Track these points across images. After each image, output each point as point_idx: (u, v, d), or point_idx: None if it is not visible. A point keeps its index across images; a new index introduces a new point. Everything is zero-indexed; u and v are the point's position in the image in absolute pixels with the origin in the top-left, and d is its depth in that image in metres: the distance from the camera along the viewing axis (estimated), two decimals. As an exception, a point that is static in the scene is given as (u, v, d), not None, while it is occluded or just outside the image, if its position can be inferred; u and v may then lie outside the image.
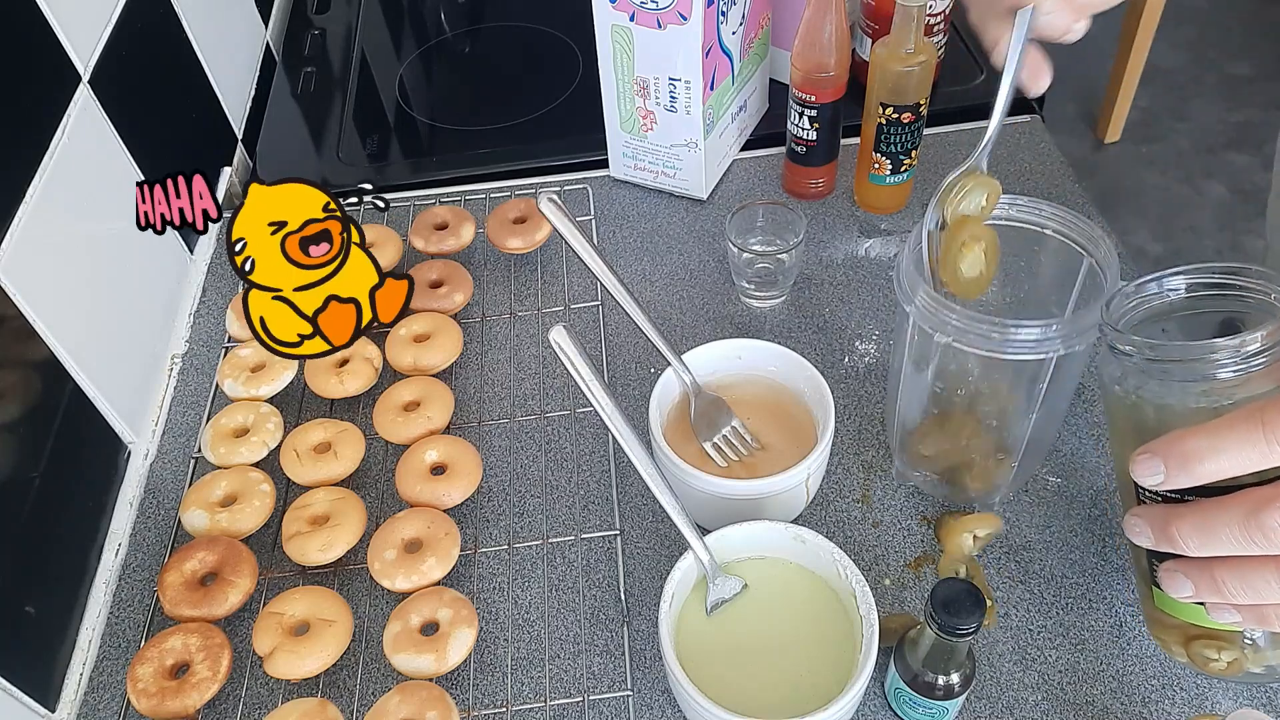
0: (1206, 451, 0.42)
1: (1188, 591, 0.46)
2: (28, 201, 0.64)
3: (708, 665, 0.55)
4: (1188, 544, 0.44)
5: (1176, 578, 0.46)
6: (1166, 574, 0.47)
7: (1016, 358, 0.54)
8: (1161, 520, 0.45)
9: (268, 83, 1.07)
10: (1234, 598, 0.44)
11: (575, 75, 1.05)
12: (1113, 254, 0.56)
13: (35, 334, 0.64)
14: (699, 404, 0.67)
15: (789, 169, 0.89)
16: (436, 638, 0.60)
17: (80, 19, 0.72)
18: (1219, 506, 0.42)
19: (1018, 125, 0.95)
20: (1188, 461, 0.42)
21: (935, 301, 0.55)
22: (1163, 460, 0.43)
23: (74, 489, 0.68)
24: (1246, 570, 0.43)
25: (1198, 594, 0.46)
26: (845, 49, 0.80)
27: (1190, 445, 0.42)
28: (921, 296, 0.56)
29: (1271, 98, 2.29)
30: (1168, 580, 0.47)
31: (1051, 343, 0.54)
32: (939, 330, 0.55)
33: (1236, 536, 0.42)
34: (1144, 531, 0.46)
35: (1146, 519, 0.46)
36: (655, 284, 0.85)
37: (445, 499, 0.67)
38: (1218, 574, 0.44)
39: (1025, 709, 0.59)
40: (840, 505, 0.69)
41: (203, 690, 0.59)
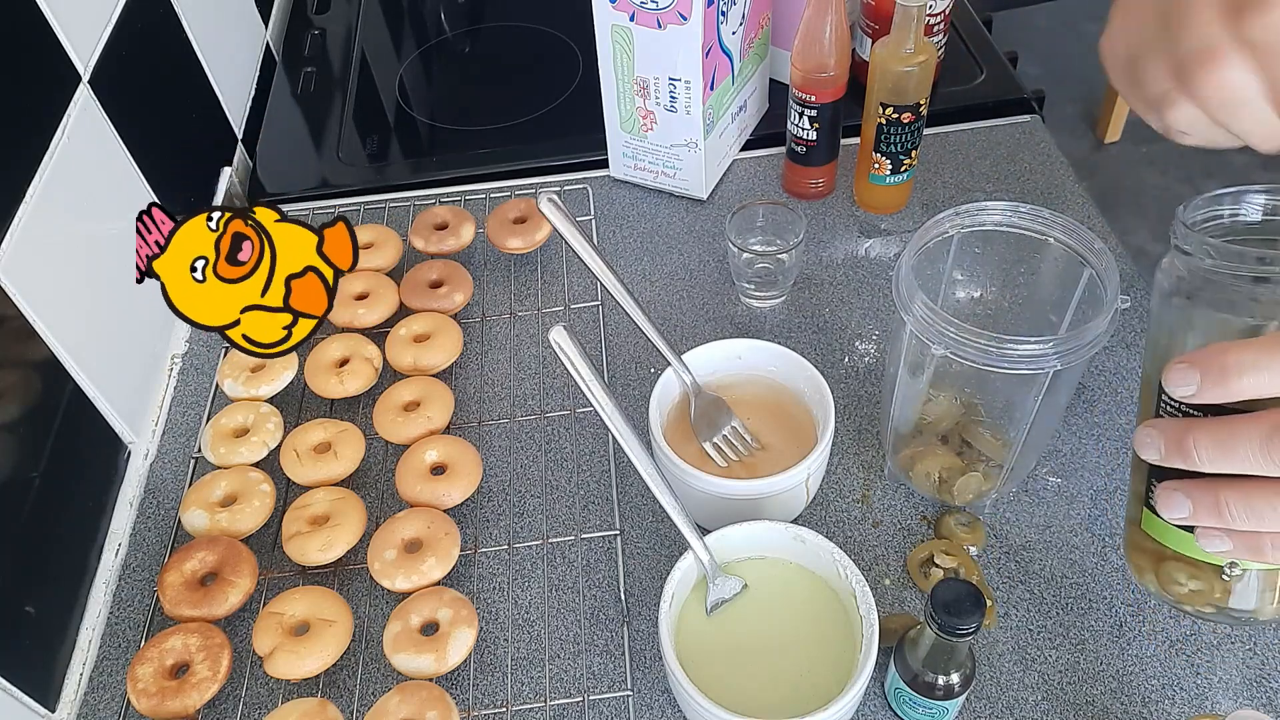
0: (1248, 366, 0.40)
1: (1185, 512, 0.44)
2: (28, 201, 0.64)
3: (708, 665, 0.55)
4: (1202, 456, 0.42)
5: (1175, 497, 0.44)
6: (1165, 493, 0.45)
7: (1012, 371, 0.54)
8: (1179, 432, 0.43)
9: (268, 83, 1.07)
10: (1234, 522, 0.42)
11: (575, 75, 1.05)
12: (1114, 266, 0.56)
13: (35, 334, 0.64)
14: (699, 404, 0.67)
15: (789, 169, 0.89)
16: (436, 638, 0.60)
17: (80, 19, 0.72)
18: (1242, 422, 0.41)
19: (1018, 125, 0.95)
20: (1226, 374, 0.41)
21: (933, 313, 0.55)
22: (1200, 371, 0.41)
23: (74, 489, 0.68)
24: (1254, 494, 0.42)
25: (1196, 515, 0.44)
26: (845, 49, 0.80)
27: (1231, 359, 0.40)
28: (919, 306, 0.56)
29: (1271, 98, 2.29)
30: (1165, 500, 0.45)
31: (1048, 358, 0.54)
32: (935, 342, 0.56)
33: (1255, 454, 0.40)
34: (1156, 443, 0.44)
35: (1161, 430, 0.44)
36: (655, 284, 0.85)
37: (445, 499, 0.67)
38: (1222, 494, 0.42)
39: (1025, 709, 0.59)
40: (840, 505, 0.69)
41: (203, 690, 0.59)
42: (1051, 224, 0.59)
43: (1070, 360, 0.54)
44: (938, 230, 0.60)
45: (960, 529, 0.66)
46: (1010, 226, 0.60)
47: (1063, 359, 0.54)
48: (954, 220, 0.60)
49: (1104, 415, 0.72)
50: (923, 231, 0.60)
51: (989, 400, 0.65)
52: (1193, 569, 0.52)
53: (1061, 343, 0.53)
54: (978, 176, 0.90)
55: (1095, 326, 0.53)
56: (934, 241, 0.60)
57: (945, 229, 0.60)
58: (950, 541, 0.65)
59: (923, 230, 0.60)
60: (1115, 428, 0.71)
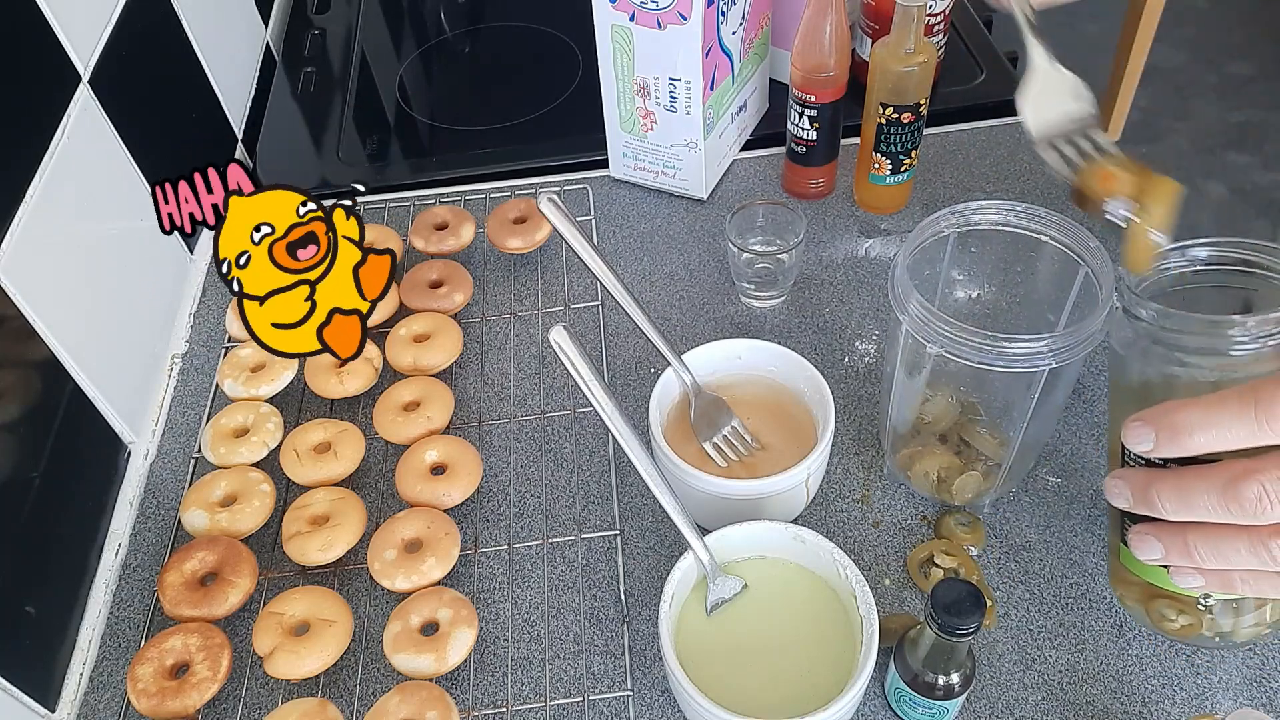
0: (1198, 425, 0.43)
1: (1157, 555, 0.47)
2: (28, 201, 0.64)
3: (708, 665, 0.55)
4: (1165, 507, 0.45)
5: (1147, 540, 0.47)
6: (1137, 537, 0.48)
7: (1008, 370, 0.55)
8: (1143, 483, 0.46)
9: (268, 83, 1.07)
10: (1202, 563, 0.45)
11: (575, 75, 1.05)
12: (1108, 265, 0.56)
13: (35, 334, 0.64)
14: (699, 404, 0.67)
15: (789, 169, 0.89)
16: (436, 638, 0.60)
17: (80, 19, 0.72)
18: (1199, 474, 0.44)
19: (1018, 125, 0.94)
20: (1178, 433, 0.43)
21: (928, 312, 0.55)
22: (1154, 429, 0.44)
23: (74, 489, 0.68)
24: (1218, 537, 0.44)
25: (1167, 557, 0.47)
26: (845, 49, 0.80)
27: (1182, 417, 0.43)
28: (914, 306, 0.56)
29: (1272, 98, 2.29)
30: (1137, 543, 0.48)
31: (1042, 357, 0.54)
32: (931, 341, 0.56)
33: (1213, 504, 0.43)
34: (1123, 493, 0.47)
35: (1127, 480, 0.47)
36: (655, 284, 0.85)
37: (445, 499, 0.67)
38: (1190, 538, 0.45)
39: (1025, 709, 0.59)
40: (840, 505, 0.69)
41: (203, 690, 0.59)
42: (1047, 223, 0.59)
43: (1065, 358, 0.54)
44: (933, 230, 0.60)
45: (960, 529, 0.66)
46: (1006, 225, 0.60)
47: (1058, 357, 0.54)
48: (949, 220, 0.60)
49: (1104, 415, 0.72)
50: (918, 231, 0.60)
51: (987, 399, 0.65)
52: (1178, 604, 0.57)
53: (1056, 340, 0.53)
54: (978, 176, 0.90)
55: (1089, 325, 0.54)
56: (930, 241, 0.60)
57: (940, 228, 0.60)
58: (950, 541, 0.65)
59: (918, 230, 0.60)
60: (1115, 428, 0.71)
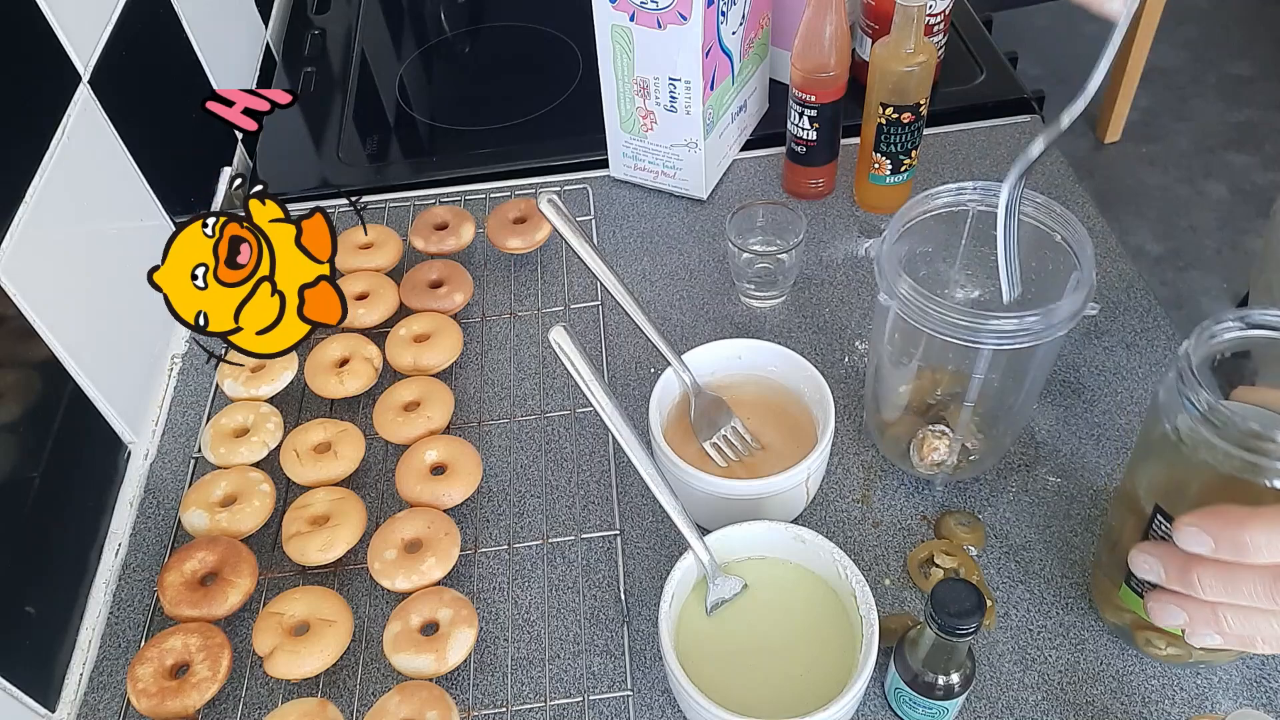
0: (1263, 545, 0.42)
1: (1180, 622, 0.46)
2: (28, 201, 0.64)
3: (708, 665, 0.55)
4: (1208, 592, 0.44)
5: (1169, 609, 0.46)
6: (1158, 605, 0.47)
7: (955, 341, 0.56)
8: (1180, 565, 0.45)
9: (268, 83, 1.07)
10: (1230, 631, 0.45)
11: (575, 75, 1.05)
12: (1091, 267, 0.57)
13: (35, 334, 0.64)
14: (699, 404, 0.67)
15: (789, 169, 0.89)
16: (436, 638, 0.60)
17: (80, 19, 0.72)
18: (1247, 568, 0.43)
19: (1017, 125, 0.95)
20: (1242, 550, 0.42)
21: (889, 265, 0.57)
22: (1213, 538, 0.43)
23: (74, 489, 0.68)
24: (1253, 612, 0.44)
25: (1192, 626, 0.46)
26: (845, 49, 0.80)
27: (1248, 536, 0.42)
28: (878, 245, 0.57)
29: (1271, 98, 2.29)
30: (1159, 612, 0.47)
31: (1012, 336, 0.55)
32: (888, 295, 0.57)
33: (1260, 594, 0.42)
34: (1155, 570, 0.46)
35: (1161, 560, 0.46)
36: (655, 284, 0.85)
37: (445, 499, 0.67)
38: (1221, 611, 0.44)
39: (1025, 709, 0.59)
40: (840, 505, 0.69)
41: (203, 690, 0.59)
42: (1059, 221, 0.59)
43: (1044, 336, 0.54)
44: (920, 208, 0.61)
45: (960, 529, 0.66)
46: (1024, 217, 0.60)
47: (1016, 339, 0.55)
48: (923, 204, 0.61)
49: (1104, 415, 0.72)
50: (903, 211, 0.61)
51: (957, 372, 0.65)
52: (1168, 637, 0.57)
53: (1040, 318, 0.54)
54: (978, 176, 0.90)
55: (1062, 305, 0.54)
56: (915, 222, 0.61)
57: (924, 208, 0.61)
58: (950, 541, 0.65)
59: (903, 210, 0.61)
60: (1115, 428, 0.71)
